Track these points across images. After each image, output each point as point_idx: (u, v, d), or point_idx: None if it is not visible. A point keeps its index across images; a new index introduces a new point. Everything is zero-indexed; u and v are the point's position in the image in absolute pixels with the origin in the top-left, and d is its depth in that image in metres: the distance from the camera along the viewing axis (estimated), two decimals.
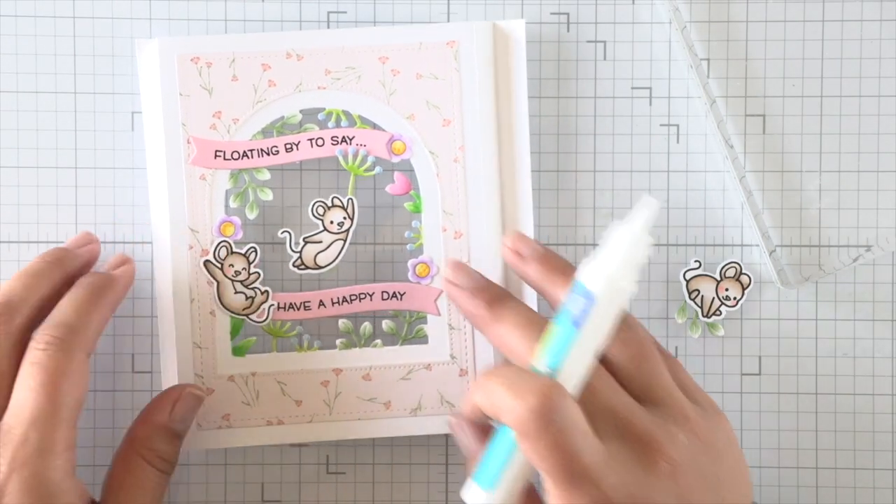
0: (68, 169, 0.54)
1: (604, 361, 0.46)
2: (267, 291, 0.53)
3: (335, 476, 0.55)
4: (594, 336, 0.44)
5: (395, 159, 0.53)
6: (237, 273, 0.52)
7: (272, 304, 0.53)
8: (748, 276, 0.54)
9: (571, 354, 0.43)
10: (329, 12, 0.55)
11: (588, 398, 0.44)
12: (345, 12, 0.55)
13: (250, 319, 0.53)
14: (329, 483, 0.55)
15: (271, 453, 0.55)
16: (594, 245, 0.55)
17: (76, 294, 0.49)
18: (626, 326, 0.46)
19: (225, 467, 0.55)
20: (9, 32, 0.54)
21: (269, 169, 0.53)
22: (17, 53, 0.54)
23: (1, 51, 0.54)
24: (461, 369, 0.53)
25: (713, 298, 0.55)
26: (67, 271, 0.50)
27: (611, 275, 0.44)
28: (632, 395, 0.46)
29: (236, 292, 0.53)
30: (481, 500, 0.44)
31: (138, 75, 0.53)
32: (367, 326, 0.54)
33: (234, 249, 0.52)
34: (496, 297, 0.50)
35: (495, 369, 0.45)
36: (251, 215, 0.53)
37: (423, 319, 0.53)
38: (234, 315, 0.53)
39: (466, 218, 0.53)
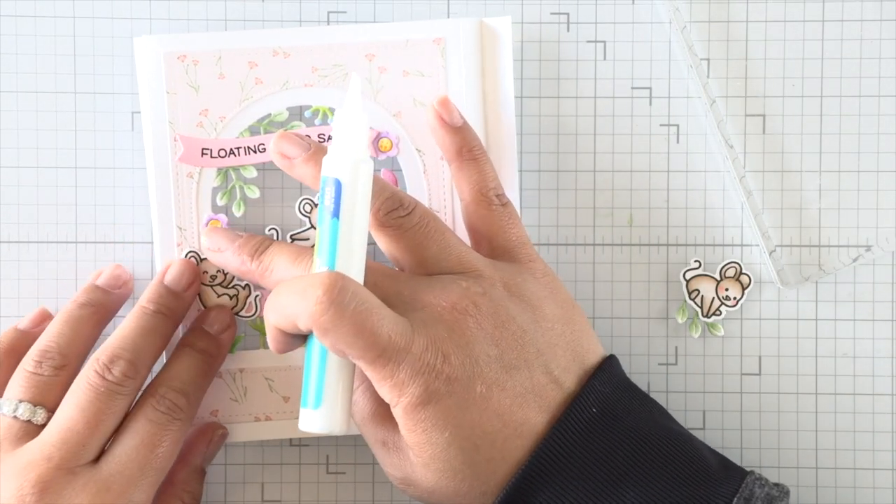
0: (68, 169, 0.54)
1: (395, 262, 0.48)
2: (248, 285, 0.53)
3: (335, 476, 0.55)
4: (355, 219, 0.44)
5: (382, 157, 0.53)
6: (213, 277, 0.52)
7: (257, 295, 0.53)
8: (748, 276, 0.54)
9: (341, 244, 0.44)
10: (329, 12, 0.55)
11: (373, 292, 0.44)
12: (345, 12, 0.55)
13: (239, 316, 0.53)
14: (329, 483, 0.55)
15: (271, 453, 0.55)
16: (594, 245, 0.55)
17: (195, 361, 0.50)
18: (402, 208, 0.47)
19: (225, 467, 0.55)
20: (9, 32, 0.54)
21: (256, 167, 0.53)
22: (17, 53, 0.54)
23: (1, 51, 0.54)
24: None
25: (713, 298, 0.54)
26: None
27: (347, 156, 0.45)
28: (426, 274, 0.47)
29: (219, 296, 0.53)
30: (315, 422, 0.44)
31: (137, 74, 0.53)
32: None
33: (203, 256, 0.52)
34: (256, 246, 0.49)
35: (276, 287, 0.45)
36: (238, 213, 0.53)
37: None
38: None
39: (453, 215, 0.53)
